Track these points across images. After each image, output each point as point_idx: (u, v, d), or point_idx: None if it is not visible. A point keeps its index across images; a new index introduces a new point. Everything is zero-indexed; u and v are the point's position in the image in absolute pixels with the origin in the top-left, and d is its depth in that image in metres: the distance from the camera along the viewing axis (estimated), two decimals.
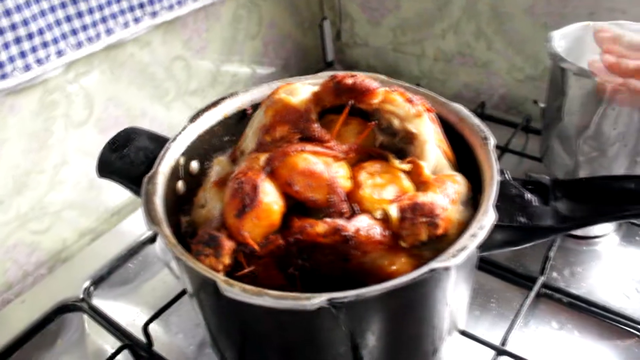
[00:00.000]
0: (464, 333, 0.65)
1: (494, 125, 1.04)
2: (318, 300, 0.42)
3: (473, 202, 0.55)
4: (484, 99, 1.11)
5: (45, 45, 0.74)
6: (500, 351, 0.64)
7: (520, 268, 0.76)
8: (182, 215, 0.60)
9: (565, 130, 0.80)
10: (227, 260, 0.48)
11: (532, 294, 0.70)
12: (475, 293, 0.73)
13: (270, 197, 0.48)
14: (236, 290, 0.43)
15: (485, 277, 0.76)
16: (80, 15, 0.77)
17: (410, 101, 0.53)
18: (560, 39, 0.82)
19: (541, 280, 0.72)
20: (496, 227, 0.48)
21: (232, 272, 0.49)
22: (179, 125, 0.99)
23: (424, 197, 0.47)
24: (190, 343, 0.71)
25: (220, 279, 0.45)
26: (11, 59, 0.71)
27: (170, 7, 0.88)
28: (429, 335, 0.53)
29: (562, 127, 0.81)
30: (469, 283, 0.57)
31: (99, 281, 0.80)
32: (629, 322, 0.68)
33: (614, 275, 0.75)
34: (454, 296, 0.53)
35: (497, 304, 0.73)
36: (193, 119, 0.63)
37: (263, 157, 0.51)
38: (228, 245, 0.48)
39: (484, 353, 0.64)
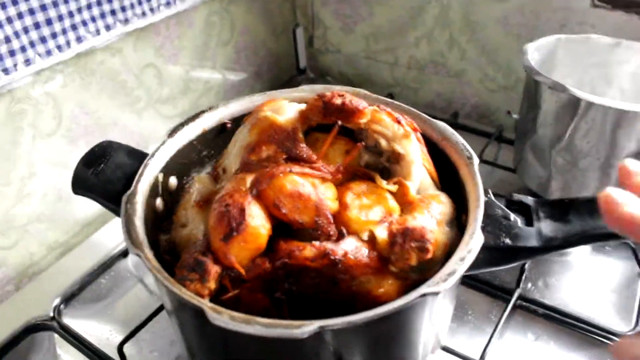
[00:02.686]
0: (444, 348, 0.65)
1: (466, 134, 1.05)
2: (309, 328, 0.41)
3: (457, 221, 0.55)
4: (456, 108, 1.12)
5: (12, 53, 0.71)
6: None
7: (495, 280, 0.76)
8: (161, 234, 0.58)
9: (539, 142, 0.81)
10: (212, 285, 0.47)
11: (510, 306, 0.71)
12: None
13: (258, 221, 0.47)
14: (225, 319, 0.42)
15: (461, 289, 0.76)
16: (49, 22, 0.74)
17: (398, 121, 0.52)
18: (534, 52, 0.84)
19: (518, 292, 0.73)
20: (482, 248, 0.48)
21: (216, 295, 0.48)
22: (150, 134, 0.99)
23: (414, 222, 0.46)
24: None
25: (207, 306, 0.43)
26: None
27: (143, 14, 0.85)
28: (414, 355, 0.53)
29: (536, 139, 0.82)
30: (452, 302, 0.57)
31: (69, 298, 0.77)
32: (600, 332, 0.69)
33: (586, 285, 0.77)
34: (440, 316, 0.53)
35: (474, 316, 0.73)
36: (172, 133, 0.61)
37: (249, 179, 0.49)
38: (214, 270, 0.46)
39: None
